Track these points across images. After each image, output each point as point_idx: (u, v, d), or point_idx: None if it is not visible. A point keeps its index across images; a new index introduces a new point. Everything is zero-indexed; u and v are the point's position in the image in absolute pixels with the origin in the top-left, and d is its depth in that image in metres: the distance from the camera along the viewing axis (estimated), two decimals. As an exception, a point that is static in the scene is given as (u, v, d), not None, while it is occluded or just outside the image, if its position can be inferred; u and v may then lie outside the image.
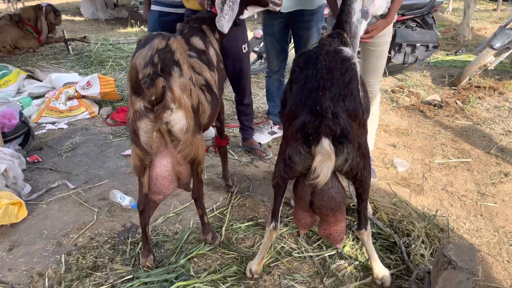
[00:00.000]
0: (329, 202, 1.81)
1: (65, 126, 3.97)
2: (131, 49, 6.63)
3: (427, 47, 5.03)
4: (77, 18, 9.88)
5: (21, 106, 4.16)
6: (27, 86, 4.59)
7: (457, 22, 8.86)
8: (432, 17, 5.10)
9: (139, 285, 2.07)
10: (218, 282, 2.10)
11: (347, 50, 1.78)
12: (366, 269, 2.22)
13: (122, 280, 2.12)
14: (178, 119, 1.90)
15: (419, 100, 4.66)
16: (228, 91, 4.81)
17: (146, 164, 1.99)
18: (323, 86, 1.61)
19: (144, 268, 2.18)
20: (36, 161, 3.29)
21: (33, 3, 7.11)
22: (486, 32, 8.00)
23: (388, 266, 2.18)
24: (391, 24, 2.75)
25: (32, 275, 2.18)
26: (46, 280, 2.14)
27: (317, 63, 1.68)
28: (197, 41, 2.37)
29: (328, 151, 1.58)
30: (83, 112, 4.17)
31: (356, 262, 2.26)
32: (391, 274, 2.11)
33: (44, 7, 6.94)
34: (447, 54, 6.53)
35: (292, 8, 3.13)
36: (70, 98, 4.19)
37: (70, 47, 6.54)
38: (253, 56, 5.29)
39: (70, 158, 3.39)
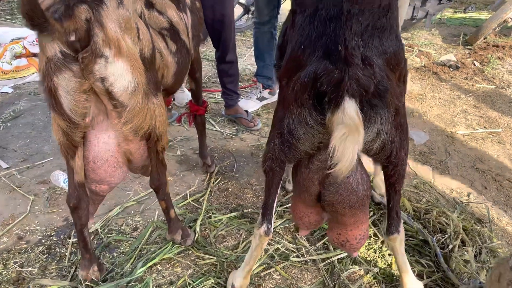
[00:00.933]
0: (347, 196, 1.20)
1: (10, 90, 3.26)
2: None
3: (440, 0, 4.36)
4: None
5: (-43, 66, 3.42)
6: (-32, 43, 3.82)
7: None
8: (446, -35, 4.40)
9: (76, 308, 1.48)
10: (188, 301, 1.52)
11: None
12: (388, 278, 1.65)
13: (53, 300, 1.52)
14: (119, 73, 1.25)
15: (430, 60, 4.03)
16: (209, 49, 4.11)
17: (76, 141, 1.35)
18: (349, 11, 0.97)
19: (87, 283, 1.58)
20: (-36, 133, 2.62)
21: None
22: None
23: (418, 275, 1.62)
24: None
25: None
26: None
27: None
28: None
29: (355, 121, 0.96)
30: (33, 73, 3.45)
31: (375, 269, 1.68)
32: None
33: (-2, -45, 6.01)
34: (455, 12, 5.86)
35: None
36: (17, 56, 3.46)
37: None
38: (238, 11, 4.57)
39: (10, 129, 2.71)
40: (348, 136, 0.97)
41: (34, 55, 3.53)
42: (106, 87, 1.26)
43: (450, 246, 1.72)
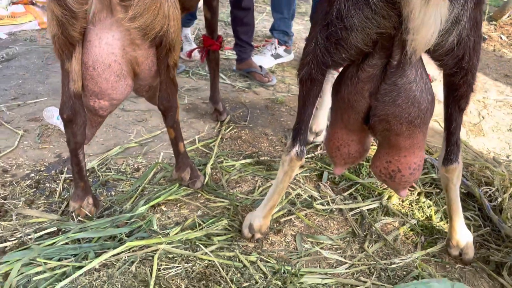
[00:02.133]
0: (407, 108, 0.98)
1: (4, 36, 3.01)
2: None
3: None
4: None
5: None
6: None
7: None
8: None
9: (65, 243, 1.25)
10: (196, 243, 1.29)
11: None
12: (428, 231, 1.43)
13: (39, 234, 1.28)
14: None
15: (454, 33, 3.80)
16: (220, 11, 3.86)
17: (73, 36, 1.12)
18: None
19: (80, 218, 1.35)
20: (-49, 71, 2.37)
21: None
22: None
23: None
24: None
25: None
26: None
27: None
28: None
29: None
30: (30, 21, 3.20)
31: (413, 221, 1.46)
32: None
33: None
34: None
35: None
36: (13, 3, 3.20)
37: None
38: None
39: (1, 70, 2.47)
40: (431, 1, 0.74)
41: (32, 3, 3.28)
42: (112, -32, 1.02)
43: (499, 199, 1.50)
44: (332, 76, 1.29)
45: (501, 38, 3.67)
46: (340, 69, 1.11)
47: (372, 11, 0.87)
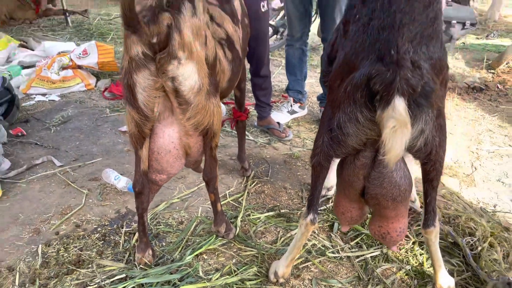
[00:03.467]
0: (391, 189, 1.34)
1: (57, 98, 3.50)
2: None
3: (464, 24, 4.53)
4: (80, -7, 9.35)
5: (9, 75, 3.69)
6: (18, 55, 4.11)
7: (482, 9, 8.31)
8: (470, -8, 4.58)
9: (133, 287, 1.62)
10: (233, 286, 1.64)
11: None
12: (420, 275, 1.75)
13: (112, 279, 1.66)
14: (188, 74, 1.43)
15: (454, 82, 4.16)
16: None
17: (146, 132, 1.53)
18: (401, 21, 1.13)
19: (141, 266, 1.73)
20: (20, 134, 2.83)
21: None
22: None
23: (448, 273, 1.72)
24: None
25: (0, 269, 1.73)
26: (17, 276, 1.70)
27: (389, -9, 1.19)
28: None
29: (404, 116, 1.10)
30: (78, 83, 3.70)
31: (408, 267, 1.79)
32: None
33: (42, -24, 6.44)
34: (477, 38, 6.00)
35: None
36: (64, 68, 3.72)
37: (69, 19, 6.06)
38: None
39: (60, 132, 2.93)
40: (398, 129, 1.11)
41: (79, 67, 3.79)
42: (175, 86, 1.44)
43: (479, 248, 1.82)
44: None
45: (497, 87, 4.02)
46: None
47: (362, 125, 1.25)
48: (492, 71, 4.47)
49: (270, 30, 4.93)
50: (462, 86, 4.03)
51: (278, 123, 3.10)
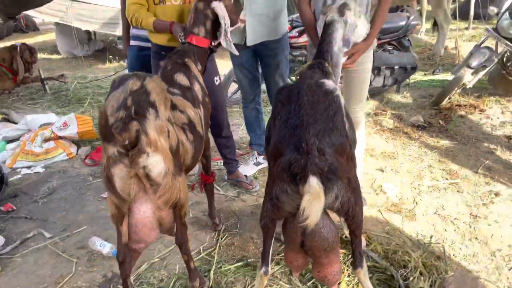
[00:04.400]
0: (321, 242, 1.70)
1: (42, 170, 3.81)
2: (109, 84, 6.53)
3: (406, 69, 5.08)
4: (55, 56, 9.76)
5: (-5, 151, 3.99)
6: (1, 130, 4.42)
7: (431, 42, 9.03)
8: (408, 40, 5.16)
9: None
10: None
11: (329, 83, 1.72)
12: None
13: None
14: (155, 163, 1.79)
15: (402, 121, 4.65)
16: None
17: (124, 212, 1.87)
18: (307, 122, 1.54)
19: (128, 323, 2.02)
20: (10, 209, 3.12)
21: (8, 44, 7.01)
22: (460, 51, 8.16)
23: (387, 303, 2.08)
24: (371, 51, 2.73)
25: None
26: None
27: (299, 98, 1.61)
28: (181, 78, 2.30)
29: (317, 190, 1.49)
30: (60, 153, 4.02)
31: (353, 300, 2.14)
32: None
33: (18, 47, 6.81)
34: (425, 74, 6.59)
35: (257, 40, 3.12)
36: (46, 140, 4.04)
37: (47, 86, 6.42)
38: (234, 86, 5.24)
39: (47, 204, 3.23)
40: (313, 201, 1.49)
41: (61, 137, 4.12)
42: (146, 173, 1.80)
43: (411, 278, 2.19)
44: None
45: (439, 123, 4.52)
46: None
47: (291, 196, 1.63)
48: (436, 107, 4.99)
49: (235, 85, 5.40)
50: (409, 125, 4.51)
51: (246, 176, 3.48)
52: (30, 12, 9.71)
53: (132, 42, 3.39)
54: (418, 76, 6.47)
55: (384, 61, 5.01)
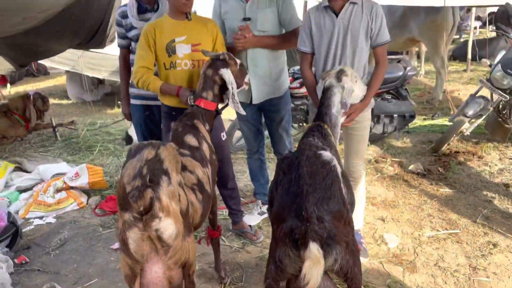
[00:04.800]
0: (324, 300, 1.81)
1: (53, 220, 3.93)
2: (119, 131, 6.77)
3: (404, 117, 5.27)
4: (65, 101, 10.11)
5: (9, 201, 4.15)
6: (15, 180, 4.59)
7: (431, 85, 9.29)
8: (406, 89, 5.39)
9: None
10: None
11: (326, 154, 1.89)
12: None
13: None
14: (167, 226, 1.92)
15: (402, 168, 4.79)
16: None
17: (137, 272, 1.99)
18: (307, 191, 1.69)
19: None
20: (24, 262, 3.23)
21: (20, 89, 7.31)
22: (459, 94, 8.40)
23: None
24: (369, 110, 2.92)
25: None
26: None
27: (299, 168, 1.77)
28: (190, 139, 2.47)
29: (317, 256, 1.62)
30: (71, 203, 4.16)
31: None
32: None
33: (32, 96, 7.12)
34: (424, 119, 6.78)
35: (262, 98, 3.34)
36: (58, 190, 4.19)
37: (57, 133, 6.65)
38: (239, 133, 5.42)
39: (59, 256, 3.33)
40: (313, 266, 1.62)
41: (72, 188, 4.27)
42: (158, 235, 1.93)
43: (412, 334, 2.26)
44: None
45: (438, 170, 4.65)
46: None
47: (293, 260, 1.75)
48: (435, 154, 5.14)
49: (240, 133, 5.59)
50: (409, 172, 4.64)
51: (250, 226, 3.59)
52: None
53: (135, 102, 3.51)
54: (417, 121, 6.64)
55: (383, 109, 5.22)
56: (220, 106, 2.80)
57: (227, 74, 2.66)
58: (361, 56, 2.80)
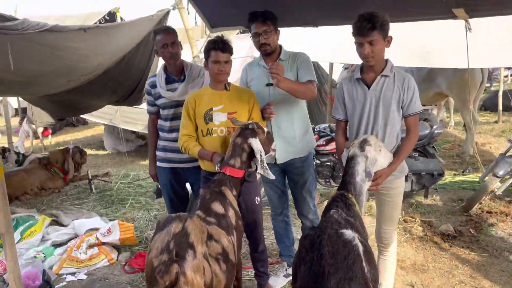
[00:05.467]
0: None
1: (84, 277, 4.05)
2: (150, 183, 6.98)
3: (433, 175, 5.22)
4: (101, 152, 10.58)
5: (44, 256, 4.32)
6: (51, 234, 4.79)
7: (461, 137, 9.16)
8: (433, 147, 5.38)
9: None
10: None
11: (348, 233, 1.94)
12: None
13: None
14: (192, 298, 1.99)
15: (432, 228, 4.69)
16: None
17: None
18: (328, 272, 1.73)
19: None
20: (54, 321, 3.32)
21: (60, 139, 7.72)
22: (490, 147, 8.24)
23: None
24: (403, 177, 2.95)
25: None
26: None
27: (321, 248, 1.83)
28: (217, 206, 2.57)
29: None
30: (102, 259, 4.28)
31: None
32: None
33: (71, 149, 7.52)
34: (454, 174, 6.66)
35: (286, 158, 3.43)
36: (91, 246, 4.34)
37: (93, 186, 6.93)
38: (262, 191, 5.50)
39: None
40: None
41: (104, 243, 4.42)
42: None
43: None
44: None
45: (470, 232, 4.52)
46: None
47: None
48: (466, 213, 5.02)
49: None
50: (438, 233, 4.54)
51: (275, 288, 3.58)
52: (82, 113, 10.75)
53: (161, 164, 3.61)
54: (447, 177, 6.54)
55: (410, 167, 5.19)
56: (247, 173, 2.91)
57: (255, 143, 2.79)
58: (393, 125, 2.83)
